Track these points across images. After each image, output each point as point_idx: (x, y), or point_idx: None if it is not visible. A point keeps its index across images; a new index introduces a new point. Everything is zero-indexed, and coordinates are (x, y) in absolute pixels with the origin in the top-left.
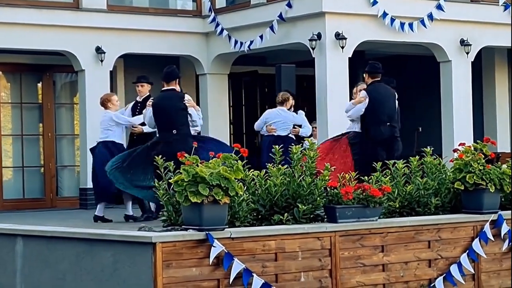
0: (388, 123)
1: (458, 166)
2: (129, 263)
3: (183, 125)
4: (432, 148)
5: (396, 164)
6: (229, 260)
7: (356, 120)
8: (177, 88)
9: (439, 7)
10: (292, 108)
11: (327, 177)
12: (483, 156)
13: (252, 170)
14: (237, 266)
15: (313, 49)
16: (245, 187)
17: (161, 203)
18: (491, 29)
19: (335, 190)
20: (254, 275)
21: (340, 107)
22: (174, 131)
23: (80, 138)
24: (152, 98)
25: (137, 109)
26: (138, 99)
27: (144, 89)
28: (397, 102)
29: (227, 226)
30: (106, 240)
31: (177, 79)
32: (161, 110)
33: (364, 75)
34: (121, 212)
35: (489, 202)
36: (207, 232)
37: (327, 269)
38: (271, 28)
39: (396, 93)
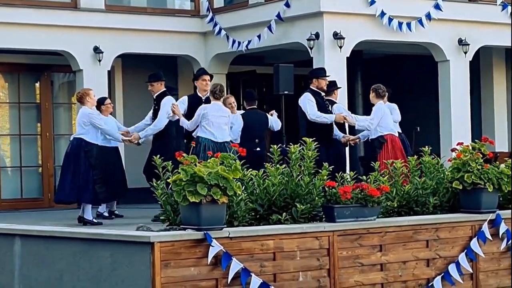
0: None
1: (456, 165)
2: (127, 263)
3: None
4: (430, 148)
5: None
6: (227, 260)
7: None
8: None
9: (437, 6)
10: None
11: (325, 177)
12: (481, 156)
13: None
14: (235, 265)
15: (311, 48)
16: (244, 187)
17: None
18: (489, 28)
19: (333, 189)
20: (253, 274)
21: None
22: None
23: None
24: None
25: (153, 106)
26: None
27: (154, 88)
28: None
29: (225, 226)
30: (104, 239)
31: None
32: None
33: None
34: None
35: (487, 202)
36: (205, 232)
37: (325, 269)
38: (269, 27)
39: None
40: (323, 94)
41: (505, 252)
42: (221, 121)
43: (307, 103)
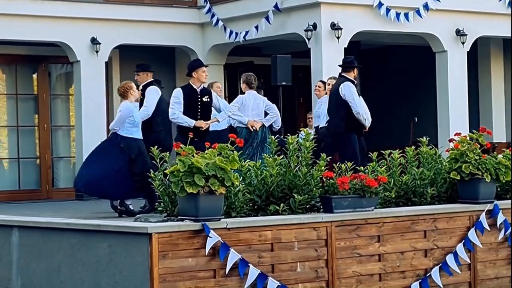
0: None
1: (454, 156)
2: (125, 254)
3: None
4: (428, 138)
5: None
6: (225, 251)
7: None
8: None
9: None
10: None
11: (322, 167)
12: (479, 146)
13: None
14: (233, 256)
15: (308, 39)
16: (241, 178)
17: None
18: (487, 19)
19: (331, 180)
20: (250, 265)
21: None
22: None
23: (76, 129)
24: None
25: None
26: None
27: (140, 78)
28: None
29: (223, 217)
30: (102, 231)
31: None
32: None
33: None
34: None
35: (485, 192)
36: (203, 223)
37: (323, 259)
38: (267, 18)
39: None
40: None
41: (503, 243)
42: (260, 109)
43: (354, 94)
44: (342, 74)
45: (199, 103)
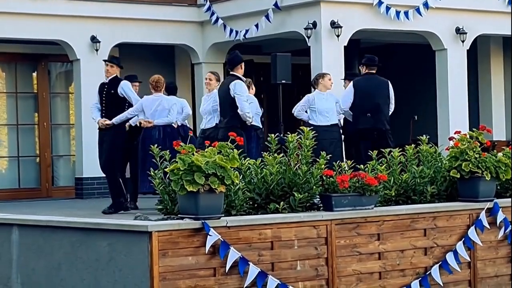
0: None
1: (454, 154)
2: (125, 252)
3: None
4: (427, 137)
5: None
6: (225, 249)
7: None
8: None
9: None
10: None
11: (322, 166)
12: (478, 144)
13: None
14: (233, 254)
15: (308, 37)
16: (241, 176)
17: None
18: (487, 17)
19: (331, 178)
20: (250, 263)
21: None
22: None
23: (76, 127)
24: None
25: (104, 90)
26: (104, 80)
27: (111, 70)
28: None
29: (223, 215)
30: (102, 229)
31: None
32: None
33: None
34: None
35: (485, 190)
36: (203, 221)
37: (323, 258)
38: (267, 16)
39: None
40: None
41: (502, 241)
42: None
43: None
44: (369, 71)
45: None
